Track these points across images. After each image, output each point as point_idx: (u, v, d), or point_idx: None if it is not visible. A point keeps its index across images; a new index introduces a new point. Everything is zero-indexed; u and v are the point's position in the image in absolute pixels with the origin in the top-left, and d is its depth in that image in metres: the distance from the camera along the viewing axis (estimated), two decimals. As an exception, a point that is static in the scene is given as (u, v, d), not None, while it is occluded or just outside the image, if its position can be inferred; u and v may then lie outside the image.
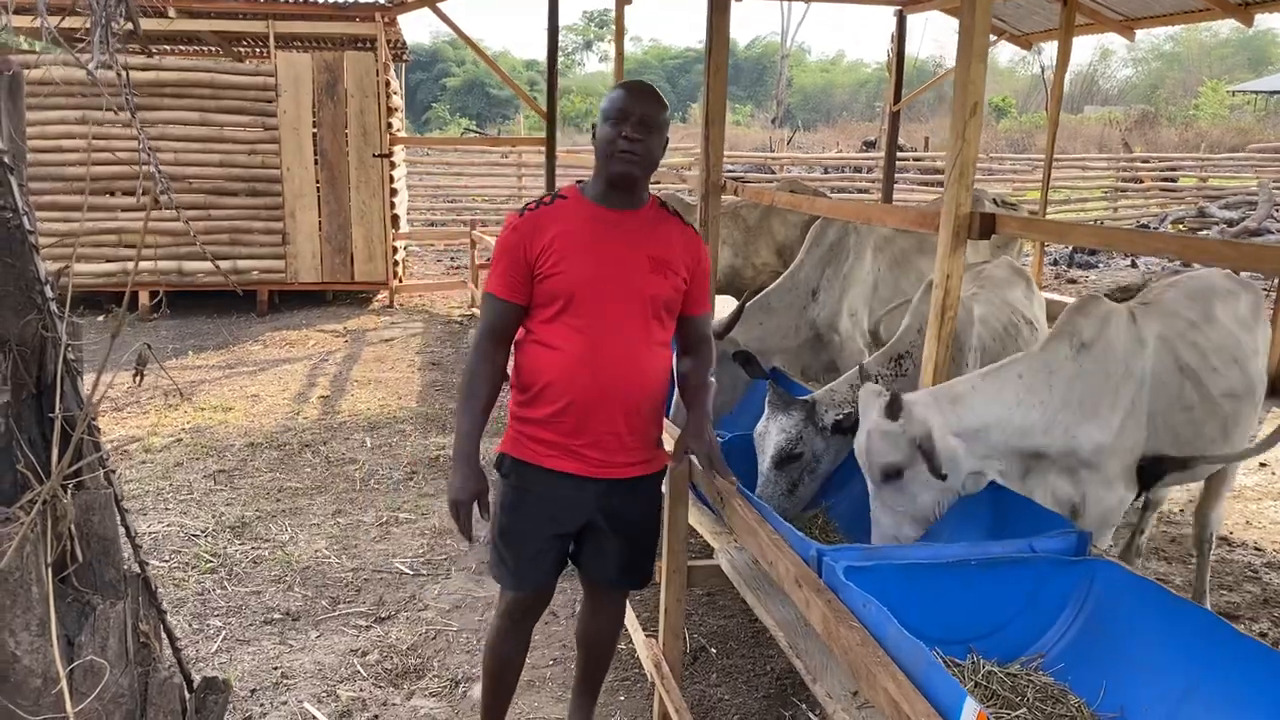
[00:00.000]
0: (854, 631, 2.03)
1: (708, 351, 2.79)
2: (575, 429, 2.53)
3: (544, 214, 2.54)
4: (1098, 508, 3.04)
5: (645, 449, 2.64)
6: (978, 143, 3.05)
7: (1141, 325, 3.11)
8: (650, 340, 2.55)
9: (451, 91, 48.85)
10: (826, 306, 4.42)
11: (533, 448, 2.59)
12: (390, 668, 3.74)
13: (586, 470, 2.57)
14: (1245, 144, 25.13)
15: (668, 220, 2.62)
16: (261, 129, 9.42)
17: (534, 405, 2.56)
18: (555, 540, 2.70)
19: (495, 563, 2.74)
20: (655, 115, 2.49)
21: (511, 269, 2.51)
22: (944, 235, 3.10)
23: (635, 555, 2.77)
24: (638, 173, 2.50)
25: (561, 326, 2.49)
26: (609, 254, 2.50)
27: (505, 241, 2.53)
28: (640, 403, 2.56)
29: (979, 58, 2.99)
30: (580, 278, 2.46)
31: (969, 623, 2.35)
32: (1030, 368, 2.96)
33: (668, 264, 2.54)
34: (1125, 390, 3.03)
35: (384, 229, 9.91)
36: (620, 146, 2.45)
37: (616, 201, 2.55)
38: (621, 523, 2.68)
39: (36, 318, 1.70)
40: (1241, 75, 46.50)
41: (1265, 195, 16.99)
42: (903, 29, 10.48)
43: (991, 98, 41.38)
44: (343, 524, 5.03)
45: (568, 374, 2.49)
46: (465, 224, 16.46)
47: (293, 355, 8.50)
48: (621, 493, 2.64)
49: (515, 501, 2.64)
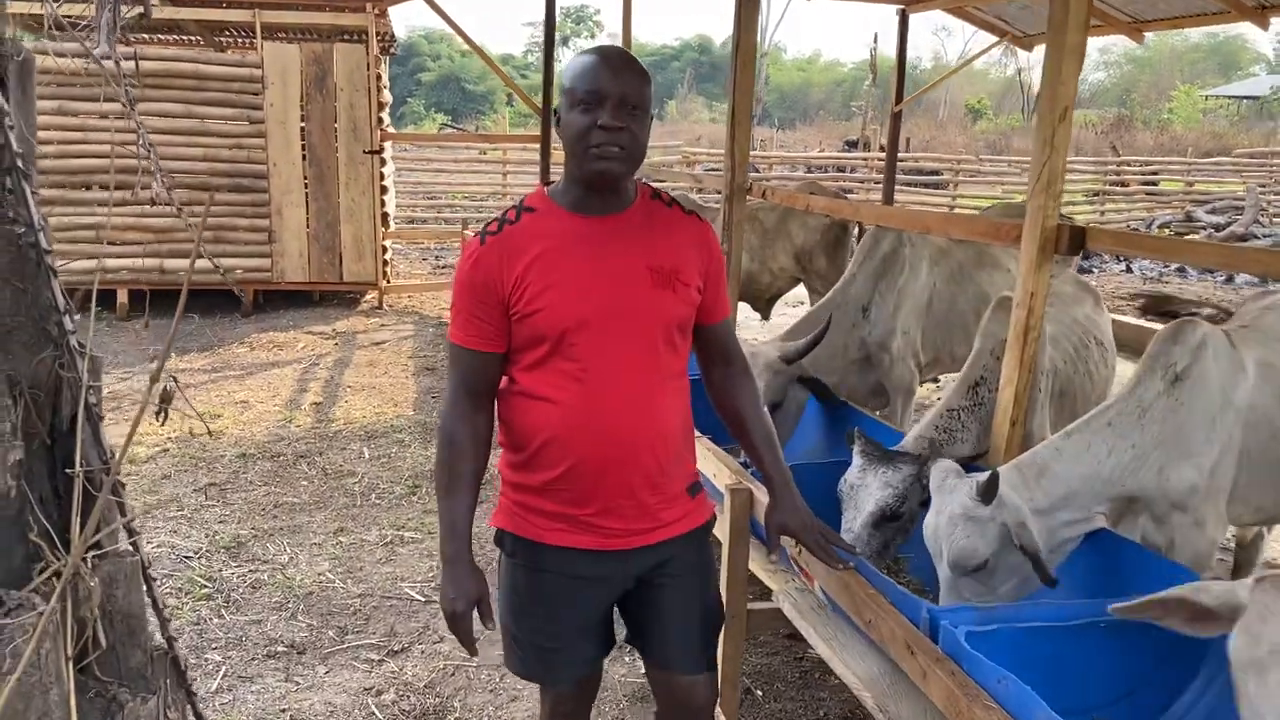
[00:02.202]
0: (993, 713, 1.77)
1: (742, 365, 2.24)
2: (581, 497, 2.02)
3: (511, 236, 1.99)
4: (1188, 550, 2.80)
5: (674, 507, 2.11)
6: (1066, 151, 2.80)
7: (1241, 351, 2.87)
8: (664, 375, 2.04)
9: (427, 86, 48.42)
10: (879, 325, 4.14)
11: (534, 521, 2.08)
12: (408, 709, 3.46)
13: (603, 544, 2.06)
14: (1220, 148, 25.23)
15: (664, 214, 2.08)
16: (247, 123, 9.05)
17: (529, 469, 2.06)
18: (586, 622, 2.18)
19: (514, 658, 2.24)
20: (638, 92, 1.93)
21: (479, 311, 1.99)
22: (1028, 250, 2.85)
23: (696, 623, 2.20)
24: (621, 170, 1.95)
25: (552, 373, 1.99)
26: (601, 275, 1.97)
27: (466, 277, 1.99)
28: (660, 456, 2.04)
29: (1072, 54, 2.75)
30: (569, 311, 1.95)
31: (1094, 689, 2.11)
32: (1121, 411, 2.72)
33: (675, 273, 2.02)
34: (1222, 424, 2.79)
35: (374, 228, 9.57)
36: (596, 140, 1.90)
37: (598, 206, 2.01)
38: (669, 577, 2.15)
39: (53, 354, 1.40)
40: (1212, 80, 46.98)
41: (1253, 200, 16.97)
42: (905, 29, 10.25)
43: (967, 99, 41.48)
44: (345, 544, 4.73)
45: (565, 432, 1.99)
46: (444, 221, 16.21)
47: (281, 359, 8.16)
48: (658, 556, 2.12)
49: (526, 585, 2.14)
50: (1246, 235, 15.81)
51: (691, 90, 49.27)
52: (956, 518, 2.39)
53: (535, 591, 2.13)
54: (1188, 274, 13.75)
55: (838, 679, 3.52)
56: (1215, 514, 2.82)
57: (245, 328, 9.08)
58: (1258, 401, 2.85)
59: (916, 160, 20.44)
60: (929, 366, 4.59)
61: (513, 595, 2.17)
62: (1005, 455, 2.93)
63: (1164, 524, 2.78)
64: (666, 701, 2.26)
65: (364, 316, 9.79)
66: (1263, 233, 16.04)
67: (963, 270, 4.50)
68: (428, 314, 10.10)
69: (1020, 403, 2.92)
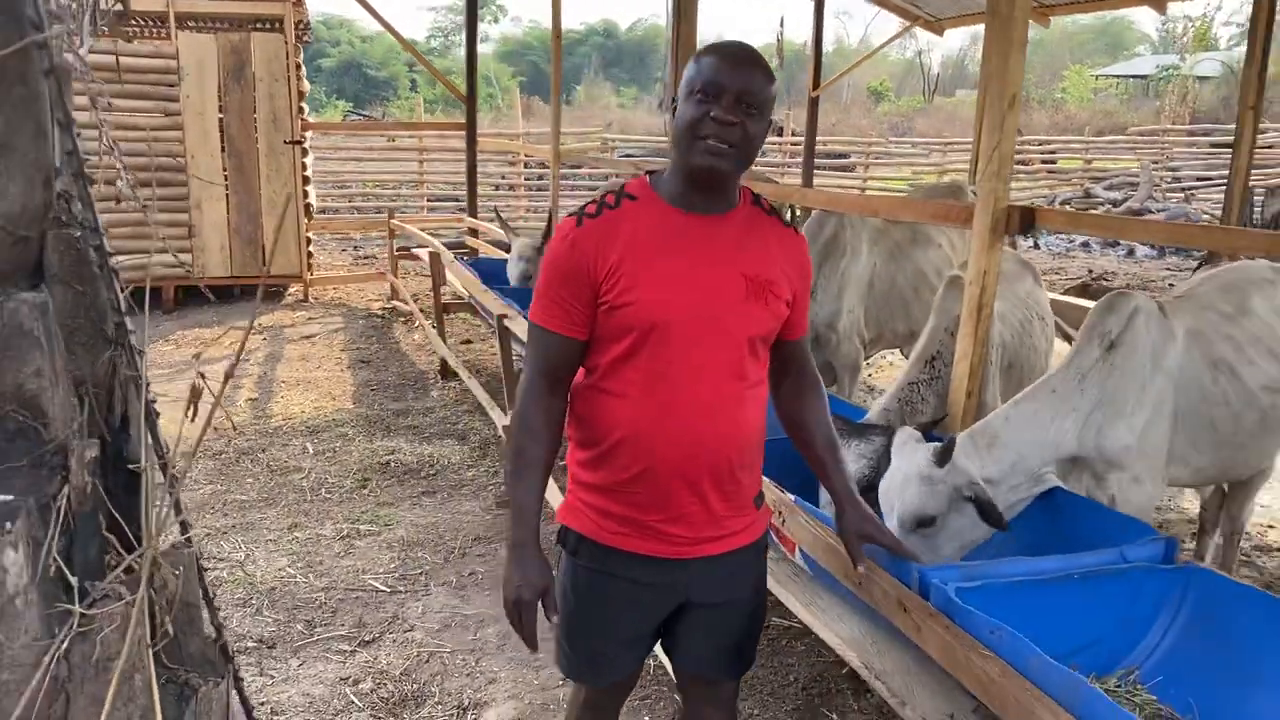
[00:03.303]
0: (990, 661, 1.92)
1: (812, 377, 2.23)
2: (651, 503, 1.98)
3: (609, 221, 1.94)
4: (1129, 506, 3.01)
5: (741, 517, 2.07)
6: (1015, 136, 2.98)
7: (1172, 319, 3.09)
8: (745, 384, 1.99)
9: (327, 73, 47.35)
10: (825, 306, 4.31)
11: (600, 523, 2.04)
12: (386, 696, 3.50)
13: (669, 551, 2.02)
14: (1112, 126, 26.21)
15: (765, 223, 2.03)
16: (163, 115, 8.84)
17: (599, 468, 2.02)
18: (639, 629, 2.16)
19: (565, 656, 2.21)
20: (760, 91, 1.87)
21: (569, 295, 1.93)
22: (980, 230, 3.02)
23: (739, 635, 2.18)
24: (729, 168, 1.89)
25: (633, 369, 1.94)
26: (695, 276, 1.92)
27: (559, 258, 1.95)
28: (734, 465, 2.00)
29: (1018, 47, 2.91)
30: (660, 308, 1.89)
31: (1066, 636, 2.28)
32: (1063, 379, 2.92)
33: (769, 285, 1.97)
34: (1153, 387, 3.00)
35: (297, 219, 9.44)
36: (707, 131, 1.84)
37: (700, 204, 1.95)
38: (720, 599, 2.12)
39: (114, 354, 1.44)
40: (1100, 60, 48.57)
41: (1146, 176, 17.73)
42: (821, 15, 10.48)
43: (869, 82, 42.27)
44: (301, 539, 4.72)
45: (642, 433, 1.94)
46: (357, 211, 15.99)
47: (209, 356, 8.01)
48: (717, 569, 2.07)
49: (586, 585, 2.10)
50: (1143, 209, 16.52)
51: (599, 75, 49.17)
52: (911, 477, 2.55)
53: (595, 593, 2.10)
54: (1092, 248, 14.34)
55: (804, 645, 3.71)
56: (1151, 472, 3.03)
57: (168, 325, 8.88)
58: (1187, 366, 3.07)
59: (826, 144, 20.81)
60: (873, 344, 4.78)
61: (572, 594, 2.12)
62: (962, 425, 3.11)
63: (1104, 481, 2.98)
64: (692, 695, 2.30)
65: (290, 310, 9.66)
66: (1157, 206, 16.77)
67: (900, 249, 4.69)
68: (355, 305, 10.00)
69: (975, 375, 3.10)
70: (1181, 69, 30.43)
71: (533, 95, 36.38)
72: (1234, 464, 3.32)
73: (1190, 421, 3.09)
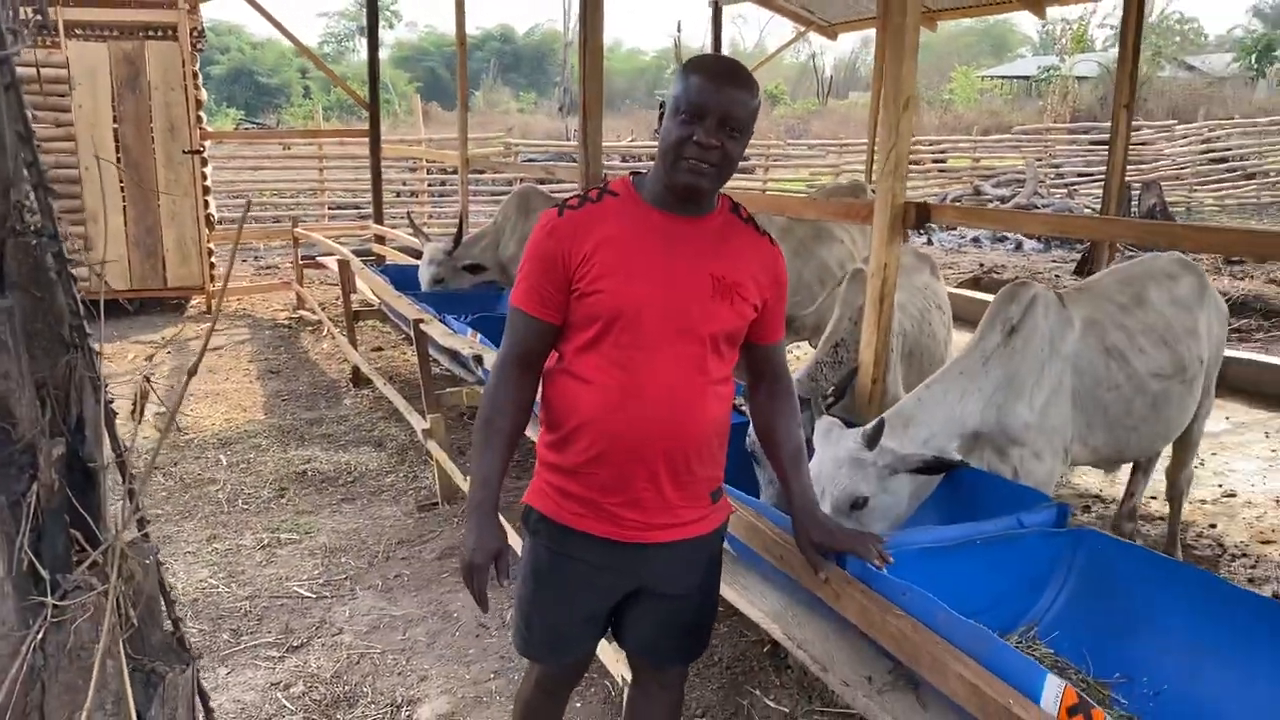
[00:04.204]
0: (903, 620, 2.08)
1: (787, 386, 2.30)
2: (609, 484, 2.07)
3: (589, 214, 2.05)
4: (1030, 479, 3.22)
5: (695, 507, 2.16)
6: (910, 136, 3.17)
7: (1070, 308, 3.32)
8: (706, 378, 2.08)
9: (217, 80, 46.17)
10: (736, 301, 4.46)
11: (560, 503, 2.14)
12: (319, 698, 3.53)
13: (622, 534, 2.11)
14: (998, 125, 27.17)
15: (740, 230, 2.13)
16: (54, 125, 8.60)
17: (563, 450, 2.12)
18: (598, 610, 2.24)
19: (520, 632, 2.30)
20: (743, 113, 1.97)
21: (545, 279, 2.04)
22: (880, 226, 3.20)
23: (690, 624, 2.27)
24: (709, 186, 2.00)
25: (599, 356, 2.04)
26: (664, 271, 2.02)
27: (539, 245, 2.06)
28: (689, 456, 2.08)
29: (911, 53, 3.10)
30: (626, 299, 2.00)
31: (971, 598, 2.45)
32: (970, 361, 3.13)
33: (736, 287, 2.06)
34: (1051, 369, 3.23)
35: (198, 230, 9.27)
36: (690, 153, 1.95)
37: (677, 207, 2.06)
38: (672, 589, 2.21)
39: (71, 356, 1.50)
40: (985, 61, 50.27)
41: (1032, 173, 18.49)
42: (719, 20, 10.70)
43: (765, 85, 43.02)
44: (220, 550, 4.69)
45: (602, 416, 2.04)
46: (254, 220, 15.70)
47: (111, 371, 7.83)
48: (670, 557, 2.16)
49: (546, 565, 2.19)
50: (1029, 205, 17.22)
51: (498, 80, 49.02)
52: (842, 461, 2.70)
53: (553, 573, 2.18)
54: (982, 243, 14.89)
55: (727, 627, 3.86)
56: (1051, 448, 3.25)
57: (77, 341, 8.63)
58: (1083, 352, 3.31)
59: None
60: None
61: (532, 573, 2.21)
62: (869, 408, 3.29)
63: (1006, 456, 3.20)
64: (641, 675, 2.41)
65: (194, 322, 9.47)
66: (1042, 202, 17.50)
67: (804, 246, 4.90)
68: (260, 316, 9.87)
69: (879, 362, 3.28)
70: (1061, 69, 31.72)
71: (430, 101, 36.10)
72: (1128, 445, 3.56)
73: (1086, 404, 3.33)
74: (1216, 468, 5.68)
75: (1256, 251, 5.90)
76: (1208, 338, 3.61)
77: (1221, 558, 4.54)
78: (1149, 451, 3.75)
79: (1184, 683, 2.21)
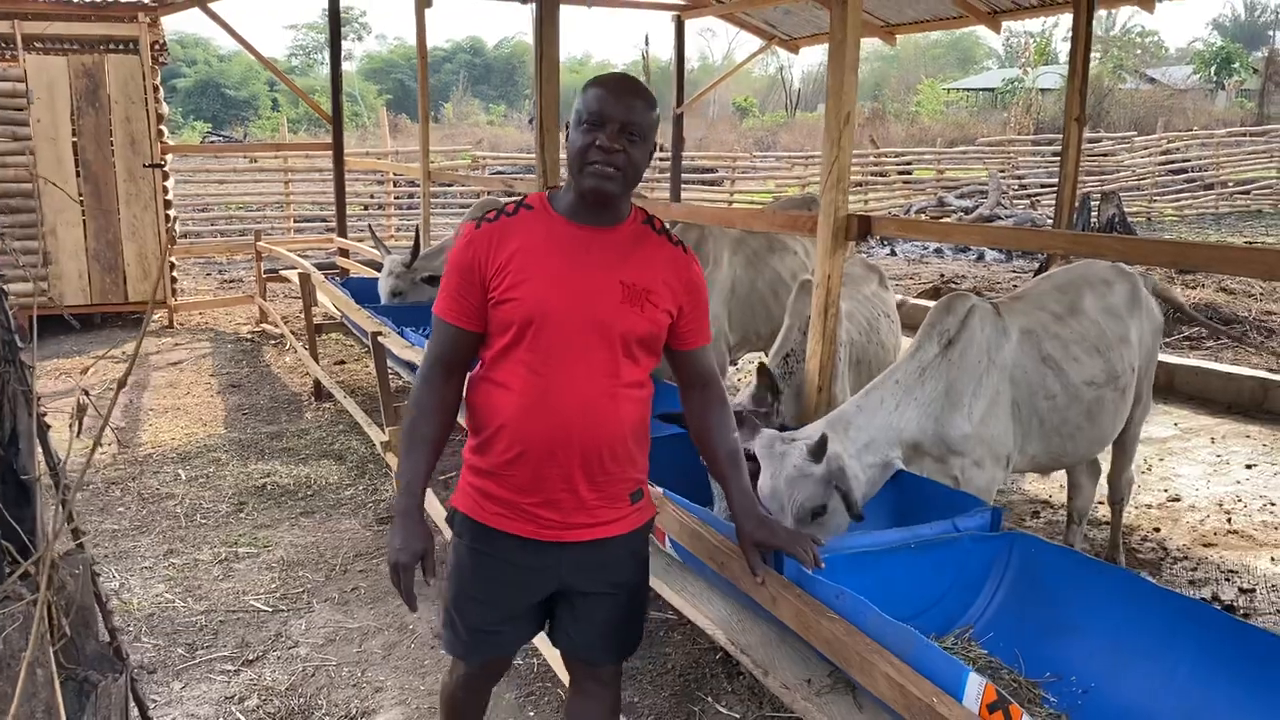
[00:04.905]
0: (835, 623, 2.12)
1: (718, 393, 2.37)
2: (526, 485, 2.16)
3: (504, 226, 2.16)
4: (970, 487, 3.28)
5: (613, 508, 2.23)
6: (851, 150, 3.24)
7: (1006, 319, 3.39)
8: (619, 382, 2.16)
9: (183, 93, 45.85)
10: (689, 312, 4.52)
11: (482, 505, 2.22)
12: (273, 711, 3.53)
13: (540, 534, 2.19)
14: (964, 137, 27.49)
15: (651, 239, 2.23)
16: (11, 139, 8.54)
17: (484, 453, 2.21)
18: (518, 609, 2.31)
19: (447, 630, 2.37)
20: (641, 120, 2.10)
21: (463, 289, 2.15)
22: (823, 237, 3.27)
23: (617, 622, 2.33)
24: (615, 189, 2.11)
25: (514, 363, 2.13)
26: (574, 279, 2.12)
27: (458, 257, 2.17)
28: (604, 457, 2.16)
29: (851, 69, 3.17)
30: (538, 305, 2.09)
31: (908, 601, 2.51)
32: (907, 371, 3.19)
33: (647, 293, 2.15)
34: (988, 380, 3.30)
35: (159, 244, 9.23)
36: (595, 158, 2.07)
37: (589, 217, 2.16)
38: (595, 587, 2.27)
39: (4, 370, 1.52)
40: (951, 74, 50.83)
41: (995, 185, 18.73)
42: (681, 34, 10.80)
43: (735, 98, 43.30)
44: (177, 564, 4.68)
45: (519, 419, 2.13)
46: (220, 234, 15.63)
47: (69, 389, 7.78)
48: (589, 556, 2.23)
49: (470, 565, 2.27)
50: (992, 216, 17.44)
51: (466, 93, 48.99)
52: (794, 478, 2.76)
53: (476, 573, 2.27)
54: (944, 254, 15.06)
55: (680, 635, 3.90)
56: (992, 456, 3.32)
57: (24, 357, 8.56)
58: (1020, 361, 3.38)
59: (694, 159, 21.27)
60: (738, 347, 5.04)
61: (456, 574, 2.30)
62: (815, 416, 3.34)
63: (946, 465, 3.26)
64: (578, 675, 2.45)
65: (154, 337, 9.41)
66: (1005, 213, 17.72)
67: (758, 257, 4.96)
68: (223, 330, 9.82)
69: (825, 371, 3.34)
70: (1025, 82, 32.13)
71: (399, 113, 36.05)
72: (1064, 453, 3.64)
73: (1023, 412, 3.40)
74: (1163, 473, 5.80)
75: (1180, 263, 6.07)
76: (1139, 345, 3.69)
77: (1164, 561, 4.64)
78: (1085, 458, 3.83)
79: (1111, 680, 2.27)
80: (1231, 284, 9.71)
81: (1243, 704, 2.06)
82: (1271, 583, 4.43)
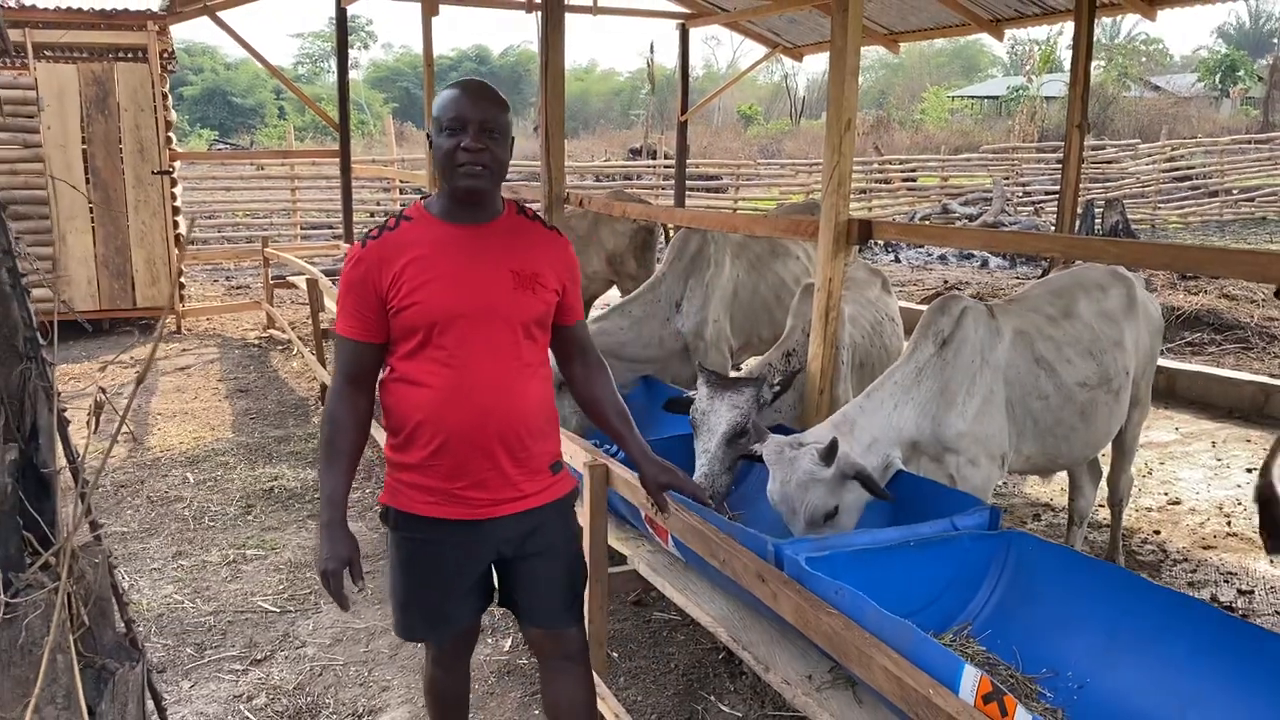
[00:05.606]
0: (834, 618, 2.16)
1: (597, 359, 2.57)
2: (453, 471, 2.29)
3: (389, 241, 2.28)
4: (966, 485, 3.33)
5: (536, 479, 2.39)
6: (852, 155, 3.28)
7: (1000, 320, 3.43)
8: (524, 362, 2.32)
9: (190, 101, 46.04)
10: (691, 316, 4.58)
11: (412, 497, 2.34)
12: (281, 710, 3.58)
13: (472, 514, 2.34)
14: (968, 144, 27.52)
15: (528, 228, 2.39)
16: (22, 146, 8.63)
17: (407, 450, 2.33)
18: (463, 586, 2.45)
19: (401, 622, 2.51)
20: (497, 118, 2.24)
21: (360, 306, 2.27)
22: (824, 241, 3.31)
23: (562, 580, 2.50)
24: (485, 185, 2.25)
25: (425, 361, 2.26)
26: (467, 276, 2.25)
27: (349, 277, 2.28)
28: (521, 435, 2.32)
29: (851, 75, 3.22)
30: (439, 306, 2.22)
31: (907, 598, 2.55)
32: (905, 373, 3.24)
33: (535, 277, 2.32)
34: (982, 380, 3.34)
35: (167, 250, 9.30)
36: (462, 159, 2.20)
37: (466, 216, 2.30)
38: (534, 548, 2.43)
39: (25, 367, 1.57)
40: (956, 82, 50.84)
41: (999, 191, 18.76)
42: (686, 43, 10.85)
43: (739, 105, 43.39)
44: (186, 566, 4.73)
45: (437, 412, 2.26)
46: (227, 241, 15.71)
47: (80, 391, 7.85)
48: (522, 525, 2.39)
49: (410, 555, 2.40)
50: (996, 223, 17.47)
51: (472, 101, 48.98)
52: (806, 483, 2.81)
53: (417, 560, 2.40)
54: (948, 260, 15.09)
55: (683, 635, 3.94)
56: (987, 455, 3.36)
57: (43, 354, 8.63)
58: (1013, 361, 3.42)
59: (698, 166, 21.34)
60: (741, 350, 5.09)
61: (398, 565, 2.43)
62: (817, 418, 3.39)
63: (942, 463, 3.30)
64: (543, 653, 2.58)
65: (162, 342, 9.48)
66: (1009, 220, 17.75)
67: (760, 261, 5.02)
68: (230, 335, 9.89)
69: (826, 374, 3.39)
70: (1030, 89, 32.16)
71: (405, 121, 36.17)
72: (1060, 453, 3.67)
73: (1017, 412, 3.44)
74: (1164, 476, 5.83)
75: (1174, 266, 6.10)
76: (1135, 349, 3.73)
77: (1164, 563, 4.67)
78: (1082, 459, 3.87)
79: (1105, 675, 2.31)
80: (1233, 290, 9.74)
81: (1235, 697, 2.10)
82: (1270, 584, 4.47)
